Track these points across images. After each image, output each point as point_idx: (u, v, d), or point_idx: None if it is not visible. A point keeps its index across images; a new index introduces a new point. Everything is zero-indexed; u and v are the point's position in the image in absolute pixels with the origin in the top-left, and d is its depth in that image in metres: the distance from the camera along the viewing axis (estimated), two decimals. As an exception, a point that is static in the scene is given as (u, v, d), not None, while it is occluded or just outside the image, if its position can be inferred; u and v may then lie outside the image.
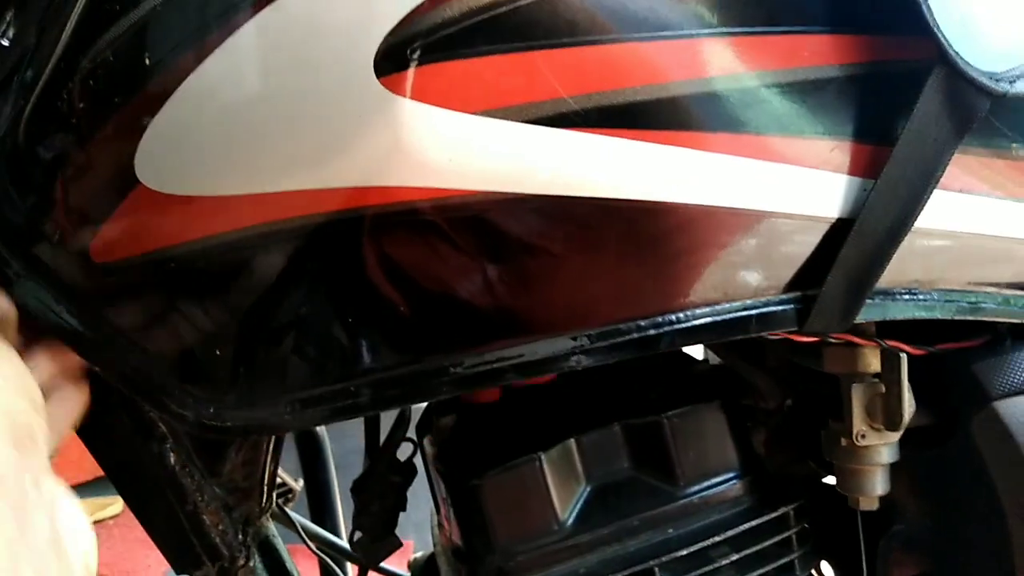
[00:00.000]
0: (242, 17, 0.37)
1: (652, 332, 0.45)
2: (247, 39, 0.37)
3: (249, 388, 0.44)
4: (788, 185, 0.45)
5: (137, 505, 0.64)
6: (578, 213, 0.41)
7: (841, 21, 0.45)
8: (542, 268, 0.43)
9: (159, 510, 0.63)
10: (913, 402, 0.52)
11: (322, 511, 1.23)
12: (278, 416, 0.45)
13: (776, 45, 0.44)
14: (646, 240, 0.43)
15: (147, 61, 0.39)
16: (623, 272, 0.44)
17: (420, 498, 0.74)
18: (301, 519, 0.91)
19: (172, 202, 0.40)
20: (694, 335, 0.45)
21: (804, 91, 0.44)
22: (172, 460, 0.61)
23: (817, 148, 0.45)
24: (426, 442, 0.67)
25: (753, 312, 0.46)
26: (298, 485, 0.91)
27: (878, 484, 0.56)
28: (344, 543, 1.05)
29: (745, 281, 0.46)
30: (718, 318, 0.46)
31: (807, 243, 0.46)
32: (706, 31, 0.42)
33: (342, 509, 1.24)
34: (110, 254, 0.43)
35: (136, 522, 0.63)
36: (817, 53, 0.45)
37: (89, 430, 0.62)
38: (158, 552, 0.65)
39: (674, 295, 0.45)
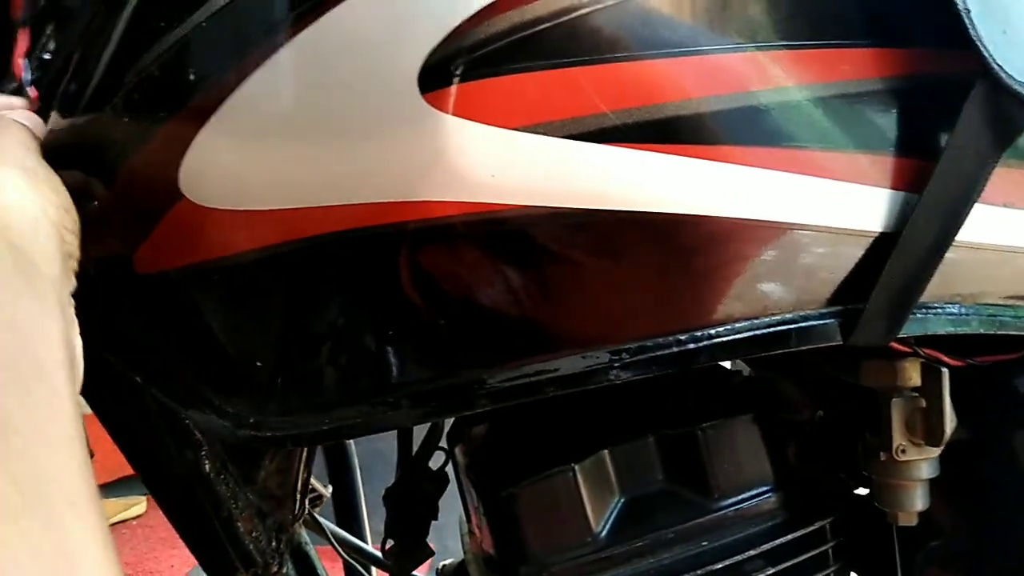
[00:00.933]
0: (286, 35, 0.37)
1: (691, 346, 0.44)
2: (291, 56, 0.37)
3: (289, 400, 0.45)
4: (830, 199, 0.44)
5: (172, 511, 0.65)
6: (618, 227, 0.41)
7: (882, 35, 0.45)
8: (581, 282, 0.43)
9: (194, 516, 0.64)
10: (954, 417, 0.52)
11: (348, 515, 1.24)
12: (317, 427, 0.45)
13: (817, 59, 0.44)
14: (687, 254, 0.43)
15: (192, 76, 0.39)
16: (662, 286, 0.44)
17: (442, 501, 0.74)
18: (330, 525, 0.91)
19: (215, 215, 0.40)
20: (733, 349, 0.45)
21: (845, 105, 0.44)
22: (207, 467, 0.62)
23: (858, 162, 0.45)
24: (458, 451, 0.67)
25: (793, 326, 0.46)
26: (327, 491, 0.92)
27: (918, 499, 0.56)
28: (370, 547, 1.06)
29: (785, 295, 0.46)
30: (758, 332, 0.45)
31: (849, 257, 0.46)
32: (747, 46, 0.42)
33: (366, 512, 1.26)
34: (153, 265, 0.43)
35: (159, 522, 0.64)
36: (858, 67, 0.44)
37: (125, 436, 0.63)
38: (181, 552, 0.66)
39: (713, 309, 0.45)
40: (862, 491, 0.66)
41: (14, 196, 0.37)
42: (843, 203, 0.45)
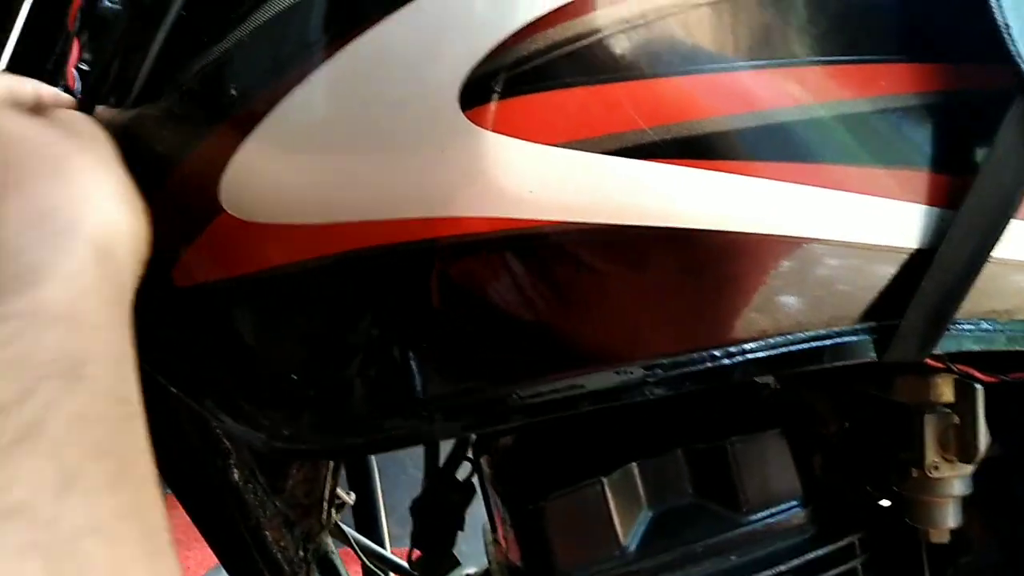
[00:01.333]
0: (327, 51, 0.37)
1: (726, 362, 0.44)
2: (332, 73, 0.37)
3: (323, 413, 0.45)
4: (865, 215, 0.44)
5: (201, 519, 0.65)
6: (655, 243, 0.41)
7: (919, 50, 0.45)
8: (616, 297, 0.43)
9: (222, 525, 0.64)
10: (988, 434, 0.51)
11: (368, 520, 1.24)
12: (351, 441, 0.45)
13: (854, 75, 0.43)
14: (722, 269, 0.43)
15: (233, 91, 0.39)
16: (697, 301, 0.44)
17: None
18: (352, 531, 0.91)
19: (255, 230, 0.40)
20: (768, 366, 0.45)
21: (882, 121, 0.44)
22: (236, 476, 0.62)
23: (894, 178, 0.45)
24: (484, 462, 0.67)
25: (827, 343, 0.46)
26: (350, 498, 0.92)
27: (950, 516, 0.55)
28: (390, 554, 1.06)
29: (820, 311, 0.45)
30: (792, 348, 0.45)
31: (883, 274, 0.46)
32: (785, 61, 0.42)
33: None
34: (192, 278, 0.43)
35: (175, 523, 0.64)
36: (894, 82, 0.44)
37: (152, 440, 0.63)
38: (197, 554, 0.66)
39: (748, 324, 0.44)
40: (884, 502, 0.66)
41: (115, 219, 0.36)
42: (878, 219, 0.45)
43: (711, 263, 0.43)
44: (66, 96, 0.46)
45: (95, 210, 0.35)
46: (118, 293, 0.34)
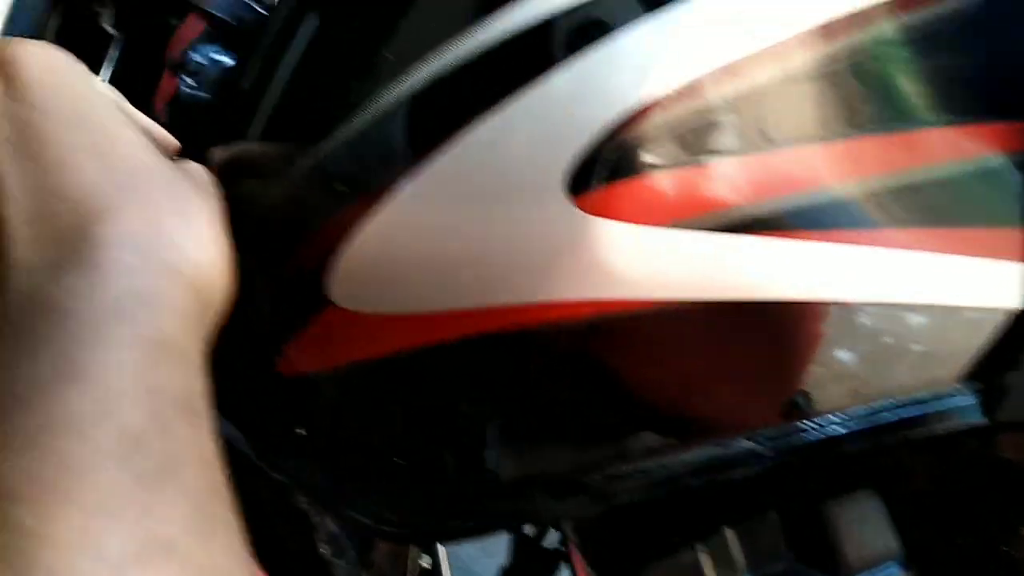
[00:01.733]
0: (437, 146, 0.38)
1: (832, 431, 0.44)
2: (441, 166, 0.38)
3: (428, 496, 0.45)
4: (969, 277, 0.44)
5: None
6: (761, 316, 0.41)
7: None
8: (721, 371, 0.43)
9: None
10: (1103, 492, 0.50)
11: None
12: (457, 523, 0.45)
13: (958, 137, 0.43)
14: (833, 339, 0.42)
15: (339, 189, 0.40)
16: (803, 370, 0.43)
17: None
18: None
19: (363, 320, 0.41)
20: (875, 433, 0.44)
21: (987, 181, 0.44)
22: (325, 551, 0.62)
23: (998, 237, 0.44)
24: (569, 529, 0.66)
25: (934, 407, 0.45)
26: (427, 562, 0.91)
27: (1069, 578, 0.54)
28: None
29: (923, 373, 0.45)
30: (899, 413, 0.44)
31: (988, 333, 0.45)
32: (884, 127, 0.42)
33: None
34: (297, 368, 0.44)
35: None
36: (1000, 141, 0.44)
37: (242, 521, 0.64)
38: None
39: (853, 391, 0.44)
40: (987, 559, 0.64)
41: (213, 269, 0.36)
42: (982, 280, 0.44)
43: (817, 333, 0.42)
44: (172, 139, 0.46)
45: (204, 251, 0.35)
46: (205, 336, 0.34)
